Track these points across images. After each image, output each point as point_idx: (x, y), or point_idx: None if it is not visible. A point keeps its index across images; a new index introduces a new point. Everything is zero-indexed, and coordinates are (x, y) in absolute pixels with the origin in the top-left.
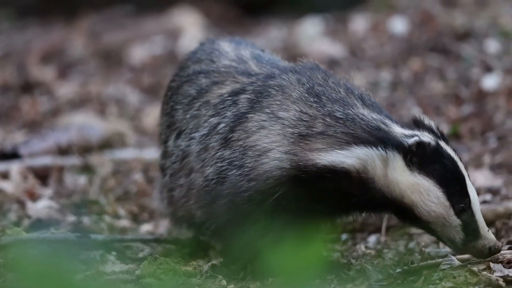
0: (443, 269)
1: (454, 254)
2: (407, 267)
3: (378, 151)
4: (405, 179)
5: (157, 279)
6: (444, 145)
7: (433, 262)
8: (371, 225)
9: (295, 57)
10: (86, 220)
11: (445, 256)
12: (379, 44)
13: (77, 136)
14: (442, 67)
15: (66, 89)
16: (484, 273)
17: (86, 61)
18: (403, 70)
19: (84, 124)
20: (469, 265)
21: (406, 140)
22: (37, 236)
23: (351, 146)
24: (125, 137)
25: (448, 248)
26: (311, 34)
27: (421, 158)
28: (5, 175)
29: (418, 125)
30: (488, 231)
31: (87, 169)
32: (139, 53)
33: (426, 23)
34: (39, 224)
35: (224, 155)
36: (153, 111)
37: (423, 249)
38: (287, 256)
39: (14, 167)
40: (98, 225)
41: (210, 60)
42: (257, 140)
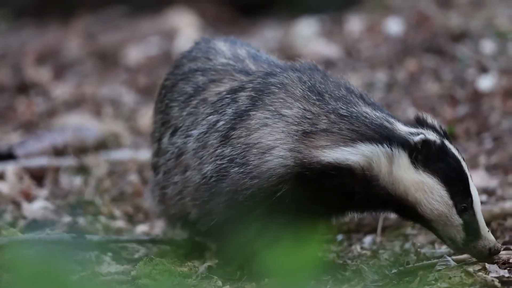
0: (439, 270)
1: (449, 255)
2: (402, 268)
3: (383, 148)
4: (409, 176)
5: (153, 279)
6: (449, 144)
7: (428, 262)
8: (366, 225)
9: (290, 58)
10: (82, 220)
11: (440, 257)
12: (374, 44)
13: (72, 136)
14: (437, 68)
15: (62, 90)
16: (480, 273)
17: (81, 61)
18: (399, 71)
19: (80, 125)
20: (464, 266)
21: (412, 137)
22: (33, 236)
23: (356, 143)
24: (121, 138)
25: (443, 249)
26: (307, 35)
27: (426, 156)
28: (0, 176)
29: (421, 123)
30: (489, 231)
31: (82, 169)
32: (134, 54)
33: (421, 23)
34: (34, 224)
35: (225, 152)
36: (148, 112)
37: (419, 249)
38: (283, 256)
39: (10, 168)
40: (93, 225)
41: (207, 58)
42: (260, 137)
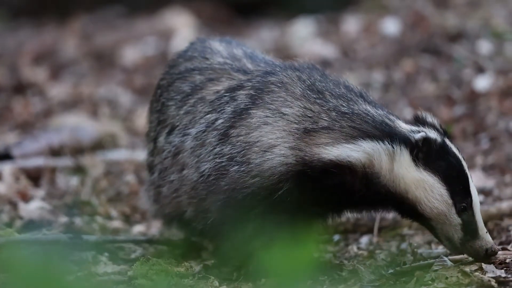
0: (435, 270)
1: (446, 255)
2: (399, 268)
3: (384, 145)
4: (410, 174)
5: (149, 280)
6: (449, 143)
7: (425, 263)
8: (363, 226)
9: (287, 58)
10: (78, 221)
11: (437, 257)
12: (371, 45)
13: (69, 137)
14: (434, 68)
15: (58, 90)
16: (476, 273)
17: (78, 62)
18: (395, 71)
19: (76, 125)
20: (461, 266)
21: (413, 135)
22: (29, 237)
23: (358, 140)
24: (117, 138)
25: (440, 249)
26: (303, 35)
27: (427, 154)
28: None
29: (421, 122)
30: (487, 233)
31: (79, 170)
32: (131, 54)
33: (418, 24)
34: (31, 225)
35: (224, 151)
36: (145, 112)
37: (415, 250)
38: (279, 256)
39: (6, 168)
40: (90, 226)
41: (203, 57)
42: (261, 136)
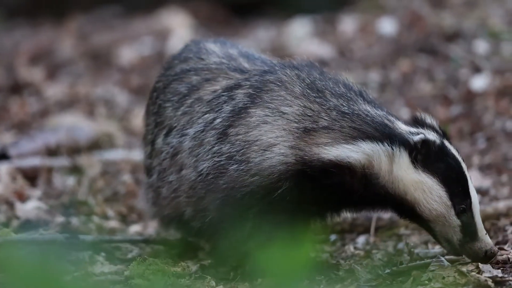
0: (432, 270)
1: (443, 255)
2: (396, 268)
3: (384, 146)
4: (409, 176)
5: (146, 280)
6: (448, 145)
7: (422, 262)
8: (360, 226)
9: (283, 58)
10: (75, 221)
11: (434, 257)
12: (367, 45)
13: (65, 137)
14: (430, 68)
15: (55, 90)
16: (473, 273)
17: (74, 62)
18: (392, 71)
19: (73, 125)
20: (458, 266)
21: (412, 137)
22: (26, 237)
23: (358, 141)
24: (114, 138)
25: (436, 249)
26: (300, 35)
27: (426, 156)
28: None
29: (420, 123)
30: (486, 234)
31: (75, 170)
32: (127, 54)
33: (414, 24)
34: (28, 225)
35: (223, 149)
36: (141, 112)
37: (412, 249)
38: (276, 256)
39: (3, 168)
40: (86, 226)
41: (199, 58)
42: (261, 135)
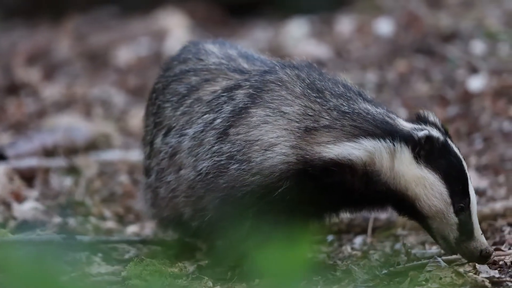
0: (429, 270)
1: (440, 255)
2: (393, 268)
3: (385, 143)
4: (411, 171)
5: (143, 280)
6: (451, 143)
7: (419, 263)
8: (357, 226)
9: (281, 59)
10: (72, 221)
11: (431, 257)
12: (364, 45)
13: (63, 137)
14: (427, 69)
15: (52, 91)
16: (470, 274)
17: (71, 62)
18: (389, 71)
19: (70, 126)
20: (455, 266)
21: (416, 132)
22: (23, 237)
23: (359, 139)
24: (111, 139)
25: (434, 249)
26: (297, 36)
27: (429, 152)
28: None
29: (423, 120)
30: (482, 234)
31: (73, 170)
32: (124, 55)
33: (411, 24)
34: (25, 225)
35: (223, 149)
36: (138, 113)
37: (409, 250)
38: (273, 257)
39: (0, 169)
40: (84, 226)
41: (198, 59)
42: (261, 135)
